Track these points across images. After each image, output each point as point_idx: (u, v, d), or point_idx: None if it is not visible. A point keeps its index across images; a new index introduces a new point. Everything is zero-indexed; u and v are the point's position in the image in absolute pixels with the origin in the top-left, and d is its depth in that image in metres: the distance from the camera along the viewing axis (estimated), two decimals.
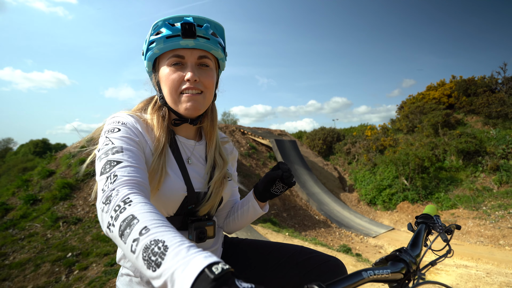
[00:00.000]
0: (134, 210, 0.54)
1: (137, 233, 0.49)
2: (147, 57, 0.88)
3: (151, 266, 0.44)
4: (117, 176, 0.65)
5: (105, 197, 0.61)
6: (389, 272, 0.65)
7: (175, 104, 0.87)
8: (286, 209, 11.97)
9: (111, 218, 0.56)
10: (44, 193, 7.30)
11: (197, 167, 0.95)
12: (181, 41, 0.82)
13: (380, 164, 16.09)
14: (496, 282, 5.83)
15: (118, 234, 0.53)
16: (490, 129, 15.67)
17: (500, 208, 11.15)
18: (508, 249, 8.97)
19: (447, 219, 11.91)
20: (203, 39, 0.84)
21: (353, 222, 12.10)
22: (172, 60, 0.84)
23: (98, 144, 0.78)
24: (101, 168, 0.69)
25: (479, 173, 13.82)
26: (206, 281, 0.37)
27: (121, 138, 0.76)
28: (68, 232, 6.00)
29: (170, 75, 0.84)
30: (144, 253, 0.46)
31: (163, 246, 0.45)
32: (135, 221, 0.51)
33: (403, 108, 20.87)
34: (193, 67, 0.85)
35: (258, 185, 1.02)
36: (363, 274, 0.60)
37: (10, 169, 28.10)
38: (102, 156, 0.72)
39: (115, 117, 0.84)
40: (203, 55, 0.87)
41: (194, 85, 0.85)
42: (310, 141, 22.08)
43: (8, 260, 5.17)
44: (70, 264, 4.87)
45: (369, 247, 9.55)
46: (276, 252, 1.05)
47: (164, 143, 0.86)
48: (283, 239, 6.91)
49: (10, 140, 40.22)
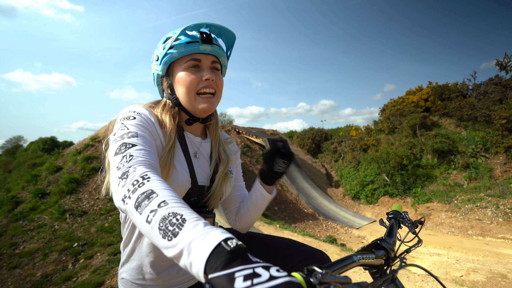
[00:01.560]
0: (153, 185, 0.53)
1: (156, 205, 0.49)
2: (163, 61, 0.87)
3: (167, 235, 0.44)
4: (133, 156, 0.64)
5: (121, 172, 0.60)
6: (374, 257, 0.70)
7: (190, 104, 0.87)
8: (277, 203, 12.02)
9: (128, 191, 0.55)
10: (52, 187, 7.20)
11: (202, 162, 0.94)
12: (201, 46, 0.84)
13: (364, 161, 16.25)
14: (464, 268, 5.97)
15: (133, 205, 0.52)
16: (461, 131, 15.95)
17: (469, 202, 11.39)
18: (475, 239, 9.17)
19: (423, 212, 12.10)
20: (216, 47, 0.88)
21: (338, 215, 12.22)
22: (190, 63, 0.85)
23: (114, 129, 0.77)
24: (116, 149, 0.68)
25: (452, 170, 14.07)
26: (222, 253, 0.38)
27: (136, 125, 0.76)
28: (74, 224, 5.94)
29: (188, 76, 0.85)
30: (161, 223, 0.46)
31: (181, 219, 0.45)
32: (154, 195, 0.51)
33: (385, 110, 21.07)
34: (209, 70, 0.87)
35: (262, 169, 0.97)
36: (353, 258, 0.64)
37: (20, 165, 27.61)
38: (118, 139, 0.70)
39: (131, 107, 0.85)
40: (215, 60, 0.89)
41: (210, 84, 0.87)
42: (300, 140, 22.16)
43: (18, 249, 5.10)
44: (76, 254, 4.83)
45: (353, 238, 9.66)
46: (264, 246, 1.04)
47: (174, 139, 0.86)
48: (274, 230, 6.95)
49: (21, 137, 39.47)
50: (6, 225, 5.91)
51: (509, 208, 10.12)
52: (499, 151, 13.80)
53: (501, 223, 9.56)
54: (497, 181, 12.57)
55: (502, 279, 5.18)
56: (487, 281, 5.14)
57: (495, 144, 14.02)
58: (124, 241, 0.90)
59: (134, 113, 0.81)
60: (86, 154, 8.46)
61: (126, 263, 0.89)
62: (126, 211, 0.55)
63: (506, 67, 18.07)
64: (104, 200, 6.89)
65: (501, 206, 10.42)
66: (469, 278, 5.40)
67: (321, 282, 0.40)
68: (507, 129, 14.21)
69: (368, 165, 15.89)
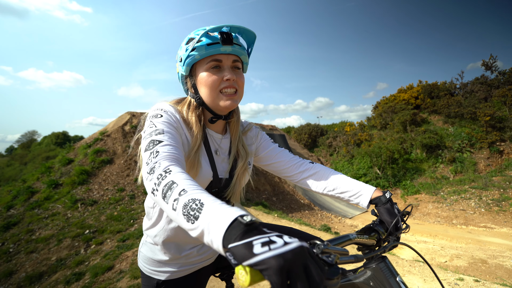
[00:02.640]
0: (174, 177, 0.56)
1: (177, 194, 0.52)
2: (186, 63, 0.87)
3: (190, 219, 0.47)
4: (159, 152, 0.67)
5: (149, 168, 0.63)
6: (367, 238, 0.76)
7: (213, 102, 0.87)
8: (276, 194, 12.08)
9: (155, 185, 0.58)
10: (64, 178, 7.23)
11: (221, 158, 0.95)
12: (221, 48, 0.84)
13: (357, 155, 16.28)
14: (448, 254, 6.05)
15: (161, 196, 0.55)
16: (449, 127, 15.94)
17: (455, 194, 11.46)
18: (459, 227, 9.26)
19: (411, 203, 12.19)
20: (237, 46, 0.87)
21: (333, 206, 12.30)
22: (212, 64, 0.85)
23: (144, 127, 0.80)
24: (145, 145, 0.71)
25: (439, 164, 14.12)
26: (239, 226, 0.40)
27: (163, 123, 0.78)
28: (86, 212, 5.98)
29: (210, 77, 0.85)
30: (183, 209, 0.49)
31: (200, 203, 0.48)
32: (175, 185, 0.54)
33: (377, 107, 21.01)
34: (229, 70, 0.86)
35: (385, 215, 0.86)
36: (350, 236, 0.69)
37: (35, 157, 27.63)
38: (147, 136, 0.74)
39: (158, 105, 0.86)
40: (236, 59, 0.89)
41: (232, 83, 0.87)
42: (298, 135, 22.15)
43: (34, 236, 5.15)
44: (88, 240, 4.88)
45: (346, 227, 9.75)
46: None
47: (200, 141, 0.88)
48: (273, 219, 7.00)
49: (35, 132, 39.39)
50: (23, 213, 5.96)
51: (491, 200, 10.20)
52: (483, 146, 13.83)
53: (483, 213, 9.64)
54: (480, 174, 12.63)
55: (482, 264, 5.26)
56: (469, 266, 5.22)
57: (479, 140, 14.04)
58: (152, 223, 0.92)
59: (161, 111, 0.83)
60: (95, 147, 8.46)
61: (150, 243, 0.93)
62: (156, 201, 0.58)
63: (492, 67, 17.97)
64: (113, 190, 6.93)
65: (484, 197, 10.50)
66: (452, 263, 5.48)
67: (323, 252, 0.44)
68: (491, 126, 14.21)
69: (361, 159, 15.93)
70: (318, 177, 1.03)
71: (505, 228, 8.57)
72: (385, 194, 0.90)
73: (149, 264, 0.92)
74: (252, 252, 0.35)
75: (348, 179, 1.00)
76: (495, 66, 17.90)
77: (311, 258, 0.37)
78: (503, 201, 9.88)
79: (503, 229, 8.53)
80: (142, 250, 0.95)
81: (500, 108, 14.72)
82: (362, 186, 0.95)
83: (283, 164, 1.06)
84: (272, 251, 0.34)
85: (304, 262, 0.36)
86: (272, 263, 0.33)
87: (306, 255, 0.37)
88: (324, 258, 0.42)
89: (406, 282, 2.94)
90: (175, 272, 0.91)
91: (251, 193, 10.96)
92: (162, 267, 0.91)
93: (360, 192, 0.94)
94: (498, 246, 6.76)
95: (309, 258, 0.37)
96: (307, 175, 1.04)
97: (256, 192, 11.38)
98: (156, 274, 0.91)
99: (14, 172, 23.96)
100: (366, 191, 0.93)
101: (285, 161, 1.06)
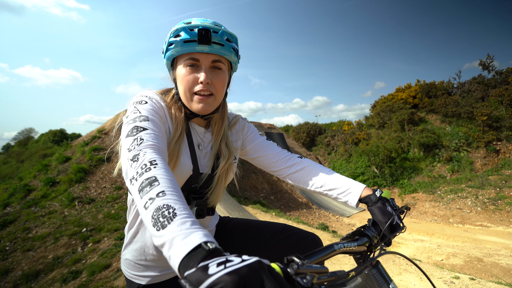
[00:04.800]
0: (158, 173, 0.53)
1: (155, 194, 0.49)
2: (166, 56, 0.84)
3: (157, 225, 0.45)
4: (143, 140, 0.64)
5: (132, 155, 0.60)
6: (356, 245, 0.68)
7: (188, 103, 0.85)
8: (274, 193, 12.10)
9: (136, 174, 0.55)
10: (61, 176, 7.19)
11: (203, 153, 0.92)
12: (197, 47, 0.79)
13: (355, 154, 16.32)
14: (445, 253, 6.09)
15: (137, 188, 0.52)
16: (446, 126, 16.02)
17: (451, 192, 11.53)
18: (455, 226, 9.33)
19: (408, 202, 12.25)
20: (217, 45, 0.80)
21: (330, 204, 12.33)
22: (188, 62, 0.81)
23: (127, 112, 0.76)
24: (128, 131, 0.67)
25: (436, 163, 14.20)
26: (200, 253, 0.38)
27: (147, 109, 0.75)
28: (83, 211, 5.95)
29: (185, 76, 0.81)
30: (155, 212, 0.46)
31: (173, 213, 0.45)
32: (156, 183, 0.51)
33: (375, 106, 21.05)
34: (206, 70, 0.81)
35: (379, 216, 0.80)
36: (334, 246, 0.62)
37: (32, 155, 27.42)
38: (130, 122, 0.70)
39: (143, 92, 0.84)
40: (216, 59, 0.83)
41: (206, 87, 0.82)
42: (296, 134, 22.16)
43: (31, 234, 5.12)
44: (85, 238, 4.86)
45: (344, 225, 9.78)
46: (261, 230, 1.02)
47: (181, 131, 0.85)
48: (270, 218, 7.01)
49: (32, 129, 39.06)
50: (19, 211, 5.92)
51: (487, 198, 10.27)
52: (480, 146, 13.91)
53: (479, 212, 9.71)
54: (477, 173, 12.71)
55: (478, 262, 5.30)
56: (465, 264, 5.26)
57: (476, 139, 14.12)
58: (129, 223, 0.90)
59: (146, 97, 0.81)
60: (93, 145, 8.42)
61: (130, 245, 0.89)
62: (131, 191, 0.55)
63: (489, 67, 18.05)
64: (110, 188, 6.90)
65: (480, 196, 10.57)
66: (449, 261, 5.51)
67: (297, 273, 0.40)
68: (487, 125, 14.29)
69: (359, 157, 15.98)
70: (306, 173, 0.98)
71: (500, 226, 8.64)
72: (375, 192, 0.85)
73: (130, 268, 0.89)
74: (207, 273, 0.33)
75: (337, 175, 0.95)
76: (492, 66, 17.97)
77: (270, 276, 0.34)
78: (499, 200, 9.96)
79: (499, 227, 8.60)
80: (124, 253, 0.91)
81: (497, 107, 14.80)
82: (351, 184, 0.90)
83: (270, 157, 1.01)
84: (227, 269, 0.32)
85: (262, 279, 0.33)
86: (227, 280, 0.31)
87: (265, 271, 0.34)
88: (298, 280, 0.39)
89: (403, 280, 2.96)
90: (156, 276, 0.87)
91: (249, 192, 10.96)
92: (143, 271, 0.87)
93: (349, 190, 0.90)
94: (494, 245, 6.81)
95: (268, 275, 0.34)
96: (294, 170, 0.99)
97: (254, 190, 11.38)
98: (136, 278, 0.87)
99: (10, 169, 23.76)
100: (355, 189, 0.89)
101: (272, 155, 1.01)
